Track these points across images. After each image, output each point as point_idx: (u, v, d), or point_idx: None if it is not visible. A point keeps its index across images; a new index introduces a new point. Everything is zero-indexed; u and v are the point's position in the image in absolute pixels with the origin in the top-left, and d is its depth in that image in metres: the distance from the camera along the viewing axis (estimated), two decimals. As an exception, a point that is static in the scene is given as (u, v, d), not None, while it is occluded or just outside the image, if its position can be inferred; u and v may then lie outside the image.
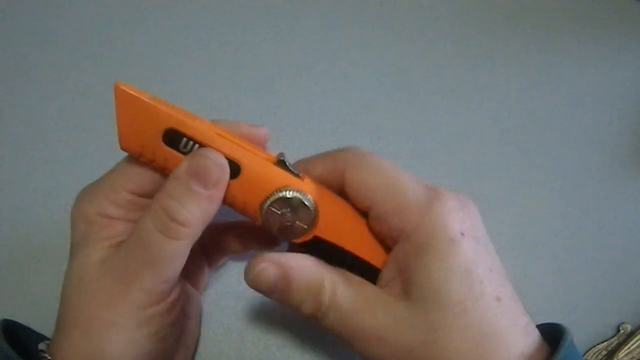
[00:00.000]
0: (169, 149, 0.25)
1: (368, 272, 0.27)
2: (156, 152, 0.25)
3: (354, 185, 0.26)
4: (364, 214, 0.27)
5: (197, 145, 0.25)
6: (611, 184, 0.39)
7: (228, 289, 0.35)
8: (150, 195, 0.26)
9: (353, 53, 0.43)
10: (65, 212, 0.35)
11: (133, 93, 0.24)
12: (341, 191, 0.27)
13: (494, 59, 0.43)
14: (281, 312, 0.35)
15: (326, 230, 0.26)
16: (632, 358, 0.34)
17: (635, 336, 0.34)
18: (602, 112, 0.42)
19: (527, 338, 0.23)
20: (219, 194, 0.24)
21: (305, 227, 0.26)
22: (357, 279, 0.26)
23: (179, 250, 0.25)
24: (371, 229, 0.27)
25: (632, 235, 0.38)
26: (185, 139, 0.25)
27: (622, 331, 0.35)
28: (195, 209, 0.24)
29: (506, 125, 0.41)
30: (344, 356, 0.34)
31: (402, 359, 0.24)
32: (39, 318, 0.27)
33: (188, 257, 0.27)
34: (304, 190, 0.25)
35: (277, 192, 0.25)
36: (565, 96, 0.42)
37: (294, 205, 0.25)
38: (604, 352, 0.34)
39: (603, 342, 0.35)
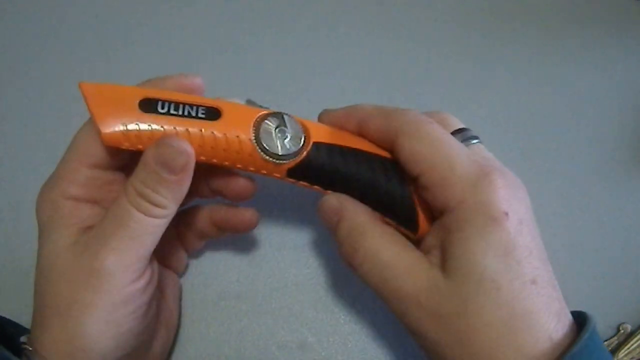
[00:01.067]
0: (151, 114, 0.26)
1: (388, 168, 0.28)
2: (139, 121, 0.26)
3: (405, 152, 0.26)
4: (413, 180, 0.27)
5: (173, 104, 0.26)
6: (611, 184, 0.39)
7: (228, 289, 0.35)
8: (107, 166, 0.27)
9: (353, 53, 0.43)
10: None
11: (98, 83, 0.26)
12: (391, 150, 0.28)
13: (493, 59, 0.43)
14: (281, 312, 0.35)
15: (322, 136, 0.28)
16: (632, 358, 0.34)
17: (635, 336, 0.34)
18: (602, 112, 0.42)
19: (557, 323, 0.23)
20: (188, 176, 0.26)
21: (301, 137, 0.27)
22: (402, 239, 0.27)
23: (156, 227, 0.26)
24: (419, 197, 0.27)
25: (632, 235, 0.38)
26: (160, 103, 0.26)
27: (622, 331, 0.35)
28: (168, 193, 0.26)
29: (506, 125, 0.41)
30: (344, 356, 0.34)
31: (433, 324, 0.24)
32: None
33: (164, 242, 0.29)
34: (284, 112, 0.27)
35: (260, 116, 0.27)
36: (565, 96, 0.42)
37: (281, 121, 0.27)
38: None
39: (603, 342, 0.35)
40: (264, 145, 0.27)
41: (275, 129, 0.27)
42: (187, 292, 0.35)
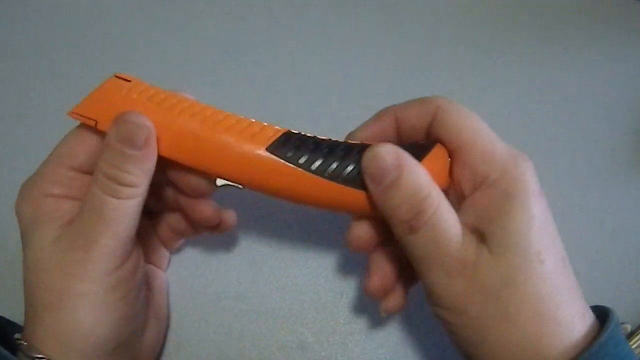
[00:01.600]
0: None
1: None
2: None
3: (446, 125, 0.27)
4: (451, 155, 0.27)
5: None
6: (611, 184, 0.39)
7: (228, 289, 0.35)
8: (88, 170, 0.28)
9: (353, 53, 0.43)
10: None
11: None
12: (427, 133, 0.28)
13: (492, 59, 0.43)
14: (281, 313, 0.35)
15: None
16: (632, 358, 0.34)
17: (636, 336, 0.34)
18: (602, 112, 0.42)
19: (583, 305, 0.25)
20: (152, 150, 0.26)
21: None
22: (453, 210, 0.26)
23: (131, 208, 0.26)
24: (451, 174, 0.27)
25: (632, 235, 0.38)
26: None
27: (622, 331, 0.35)
28: (136, 170, 0.26)
29: (505, 125, 0.41)
30: (344, 356, 0.34)
31: (478, 295, 0.24)
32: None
33: (146, 240, 0.32)
34: None
35: None
36: (565, 96, 0.42)
37: None
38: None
39: (603, 342, 0.35)
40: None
41: None
42: (187, 292, 0.35)
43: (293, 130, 0.27)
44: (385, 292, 0.29)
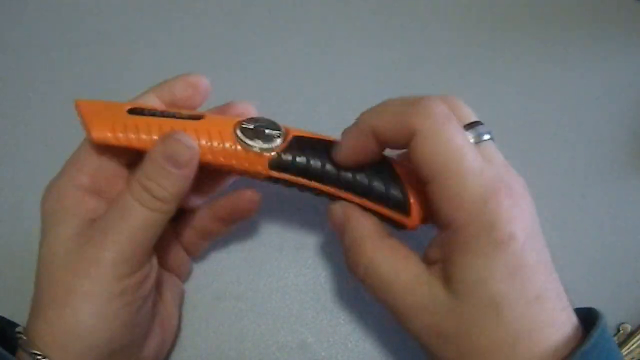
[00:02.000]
0: (138, 116, 0.27)
1: (376, 162, 0.28)
2: (127, 123, 0.27)
3: (418, 155, 0.25)
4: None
5: (158, 111, 0.28)
6: (611, 184, 0.39)
7: (228, 290, 0.35)
8: (118, 161, 0.29)
9: (353, 52, 0.43)
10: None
11: (93, 100, 0.28)
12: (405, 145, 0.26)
13: (493, 59, 0.43)
14: (281, 313, 0.35)
15: (302, 133, 0.29)
16: (632, 358, 0.34)
17: (635, 336, 0.34)
18: (602, 112, 0.42)
19: (562, 335, 0.23)
20: (191, 172, 0.27)
21: (280, 132, 0.28)
22: (405, 253, 0.26)
23: (157, 221, 0.27)
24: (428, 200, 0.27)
25: (632, 235, 0.38)
26: (147, 110, 0.28)
27: (622, 331, 0.35)
28: (171, 187, 0.26)
29: (505, 125, 0.41)
30: (344, 356, 0.34)
31: (434, 339, 0.25)
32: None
33: (165, 245, 0.32)
34: None
35: (241, 120, 0.28)
36: (565, 96, 0.42)
37: (260, 120, 0.28)
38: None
39: (603, 342, 0.35)
40: (245, 137, 0.28)
41: (255, 124, 0.28)
42: (187, 292, 0.35)
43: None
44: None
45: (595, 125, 0.41)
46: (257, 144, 0.28)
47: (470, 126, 0.26)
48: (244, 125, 0.28)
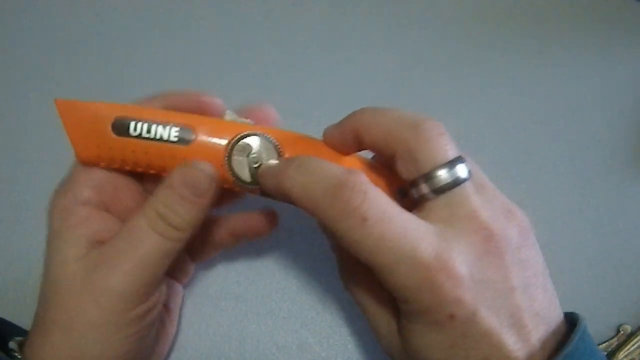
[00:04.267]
0: (123, 138, 0.26)
1: None
2: (112, 146, 0.26)
3: (349, 249, 0.23)
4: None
5: (145, 125, 0.26)
6: (611, 184, 0.39)
7: (228, 290, 0.35)
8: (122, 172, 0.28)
9: (353, 52, 0.43)
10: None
11: (73, 100, 0.26)
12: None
13: (492, 59, 0.43)
14: (281, 313, 0.35)
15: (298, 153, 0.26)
16: (632, 359, 0.34)
17: (635, 337, 0.34)
18: (602, 112, 0.41)
19: None
20: (210, 201, 0.26)
21: (275, 161, 0.26)
22: (376, 289, 0.26)
23: (170, 250, 0.26)
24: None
25: (632, 235, 0.38)
26: (133, 124, 0.26)
27: (621, 332, 0.35)
28: (188, 216, 0.26)
29: (506, 125, 0.41)
30: (344, 357, 0.34)
31: None
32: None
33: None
34: (258, 130, 0.26)
35: (234, 140, 0.26)
36: (565, 96, 0.42)
37: (255, 145, 0.26)
38: (604, 353, 0.34)
39: (603, 343, 0.35)
40: (236, 172, 0.26)
41: (248, 155, 0.26)
42: (187, 292, 0.35)
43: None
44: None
45: (595, 125, 0.41)
46: (248, 179, 0.27)
47: (443, 167, 0.23)
48: (235, 157, 0.26)
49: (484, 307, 0.22)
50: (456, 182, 0.23)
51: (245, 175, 0.26)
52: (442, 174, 0.23)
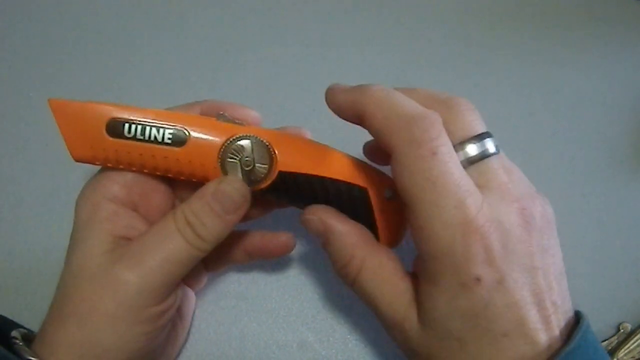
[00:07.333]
0: (117, 140, 0.26)
1: (355, 196, 0.28)
2: (106, 147, 0.26)
3: (395, 176, 0.24)
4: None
5: (140, 127, 0.26)
6: (611, 183, 0.39)
7: (228, 289, 0.35)
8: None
9: (353, 52, 0.43)
10: (66, 211, 0.35)
11: (67, 101, 0.26)
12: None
13: (493, 59, 0.43)
14: (281, 312, 0.35)
15: (288, 163, 0.27)
16: (632, 357, 0.34)
17: (635, 335, 0.34)
18: (602, 112, 0.42)
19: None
20: (237, 219, 0.27)
21: (266, 165, 0.27)
22: (391, 265, 0.26)
23: (192, 256, 0.26)
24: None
25: (633, 234, 0.38)
26: (127, 125, 0.26)
27: (622, 330, 0.35)
28: (213, 229, 0.26)
29: (506, 125, 0.41)
30: (344, 356, 0.34)
31: (407, 353, 0.26)
32: (39, 318, 0.27)
33: None
34: (252, 133, 0.27)
35: (227, 142, 0.26)
36: (565, 96, 0.42)
37: (247, 147, 0.27)
38: (604, 352, 0.35)
39: (603, 341, 0.35)
40: (229, 172, 0.27)
41: (240, 160, 0.27)
42: (187, 291, 0.35)
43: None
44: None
45: (595, 125, 0.41)
46: (244, 170, 0.27)
47: (473, 140, 0.25)
48: (229, 159, 0.27)
49: (510, 277, 0.23)
50: (484, 154, 0.24)
51: (240, 178, 0.27)
52: (473, 145, 0.24)
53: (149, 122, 0.26)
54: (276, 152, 0.27)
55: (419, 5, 0.45)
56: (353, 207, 0.28)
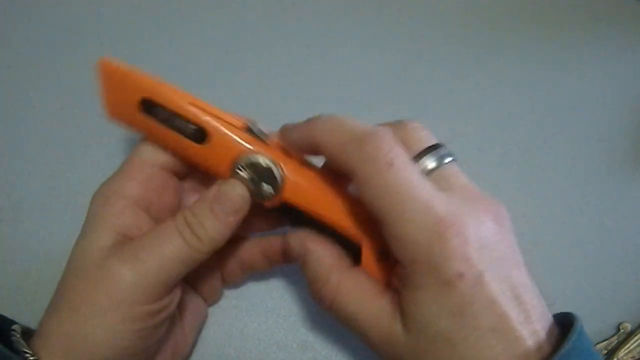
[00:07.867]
0: (146, 117, 0.27)
1: (349, 244, 0.27)
2: (137, 120, 0.27)
3: (362, 198, 0.24)
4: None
5: (168, 114, 0.27)
6: (611, 183, 0.39)
7: (229, 289, 0.35)
8: (169, 170, 0.29)
9: (353, 52, 0.43)
10: (66, 211, 0.35)
11: (115, 65, 0.27)
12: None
13: (493, 59, 0.43)
14: (281, 312, 0.35)
15: (295, 196, 0.27)
16: (632, 357, 0.34)
17: (635, 335, 0.34)
18: (602, 112, 0.42)
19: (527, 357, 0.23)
20: (236, 221, 0.27)
21: (272, 191, 0.27)
22: (369, 285, 0.26)
23: (190, 257, 0.26)
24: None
25: (633, 234, 0.38)
26: (159, 108, 0.27)
27: (622, 330, 0.35)
28: (212, 230, 0.26)
29: (506, 125, 0.41)
30: (344, 356, 0.34)
31: None
32: (39, 318, 0.27)
33: (205, 271, 0.32)
34: (269, 156, 0.27)
35: (242, 156, 0.27)
36: (566, 96, 0.42)
37: (259, 168, 0.27)
38: (604, 352, 0.34)
39: (603, 341, 0.35)
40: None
41: (250, 179, 0.27)
42: (188, 291, 0.35)
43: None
44: None
45: (595, 125, 0.41)
46: (250, 187, 0.27)
47: (428, 150, 0.26)
48: (239, 170, 0.27)
49: (488, 271, 0.23)
50: (442, 162, 0.25)
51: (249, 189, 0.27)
52: (429, 155, 0.26)
53: (177, 113, 0.27)
54: (285, 179, 0.27)
55: (419, 5, 0.45)
56: (346, 248, 0.28)
